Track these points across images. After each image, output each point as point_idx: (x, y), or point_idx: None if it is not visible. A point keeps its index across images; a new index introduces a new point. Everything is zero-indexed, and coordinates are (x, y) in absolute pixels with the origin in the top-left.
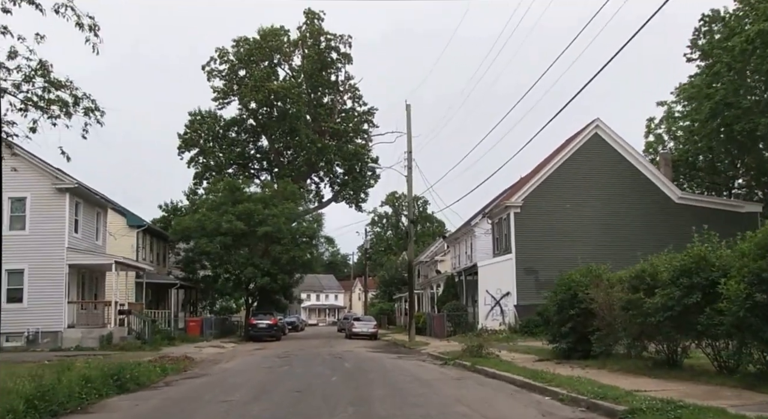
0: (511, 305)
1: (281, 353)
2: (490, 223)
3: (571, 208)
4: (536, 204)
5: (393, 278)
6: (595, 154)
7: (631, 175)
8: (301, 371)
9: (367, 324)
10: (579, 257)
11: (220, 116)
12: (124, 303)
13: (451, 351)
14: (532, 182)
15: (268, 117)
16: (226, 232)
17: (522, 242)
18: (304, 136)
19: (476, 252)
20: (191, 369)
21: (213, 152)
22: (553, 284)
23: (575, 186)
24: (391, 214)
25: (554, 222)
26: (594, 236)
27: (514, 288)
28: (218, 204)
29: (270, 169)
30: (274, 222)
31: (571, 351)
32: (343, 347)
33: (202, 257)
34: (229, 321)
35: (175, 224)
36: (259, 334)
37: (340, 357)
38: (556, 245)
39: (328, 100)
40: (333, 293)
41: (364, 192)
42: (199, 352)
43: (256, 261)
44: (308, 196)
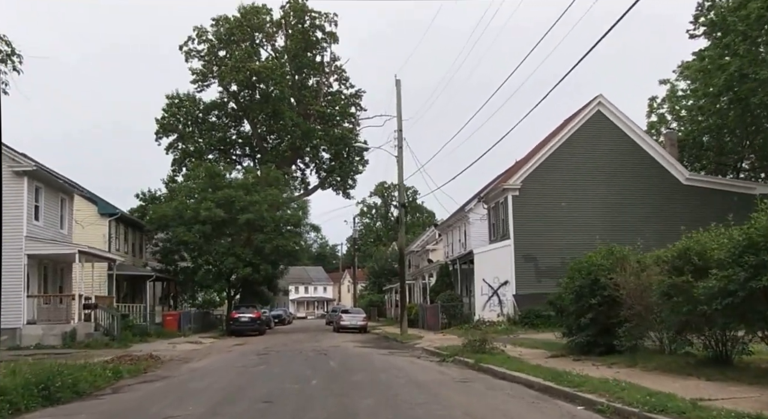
0: (510, 294)
1: (261, 349)
2: (486, 208)
3: (572, 192)
4: (536, 186)
5: (383, 269)
6: (598, 133)
7: (637, 155)
8: (278, 371)
9: (355, 317)
10: (583, 242)
11: (199, 99)
12: (91, 297)
13: (448, 345)
14: (531, 163)
15: (250, 100)
16: (205, 220)
17: (520, 228)
18: (288, 119)
19: (471, 239)
20: (153, 370)
21: (192, 137)
22: (554, 271)
23: (577, 167)
24: (380, 204)
25: (555, 206)
26: (597, 220)
27: (513, 277)
28: (197, 191)
29: (253, 155)
30: (256, 209)
31: (591, 346)
32: (330, 341)
33: (180, 247)
34: (212, 315)
35: (152, 212)
36: (241, 328)
37: (325, 354)
38: (557, 230)
39: (313, 83)
40: (322, 286)
41: (352, 178)
42: (172, 349)
43: (237, 251)
44: (293, 183)
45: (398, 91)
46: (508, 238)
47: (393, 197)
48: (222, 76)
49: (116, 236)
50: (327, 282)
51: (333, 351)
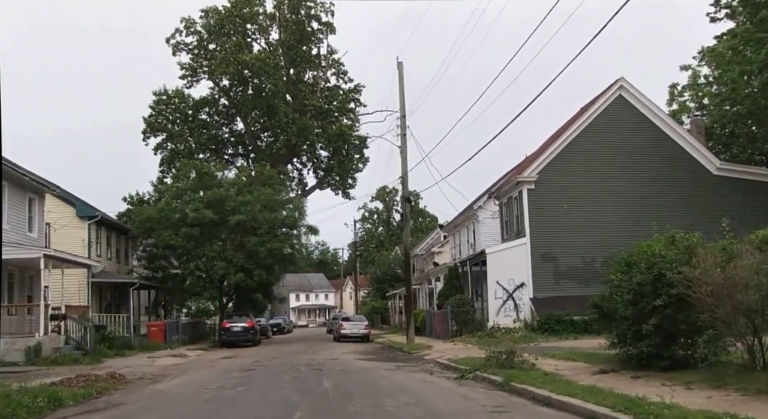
0: (527, 298)
1: (249, 363)
2: (498, 204)
3: (592, 184)
4: (553, 179)
5: (386, 275)
6: (620, 119)
7: (663, 143)
8: (255, 396)
9: (357, 325)
10: (606, 239)
11: (188, 95)
12: (60, 307)
13: (464, 357)
14: (548, 154)
15: (243, 95)
16: (193, 222)
17: (537, 224)
18: (282, 115)
19: (480, 239)
20: (109, 393)
21: (182, 136)
22: (575, 272)
23: (598, 157)
24: (381, 209)
25: (574, 200)
26: (621, 215)
27: (530, 278)
28: (184, 191)
29: (246, 154)
30: (248, 210)
31: (652, 359)
32: (328, 353)
33: (166, 251)
34: (204, 325)
35: (136, 215)
36: (233, 339)
37: (320, 369)
38: (578, 226)
39: (309, 77)
40: (323, 293)
41: (352, 177)
42: (149, 365)
43: (228, 255)
44: (290, 184)
45: (400, 75)
46: (524, 236)
47: (395, 202)
48: (212, 70)
49: (97, 240)
50: (329, 289)
51: (330, 366)
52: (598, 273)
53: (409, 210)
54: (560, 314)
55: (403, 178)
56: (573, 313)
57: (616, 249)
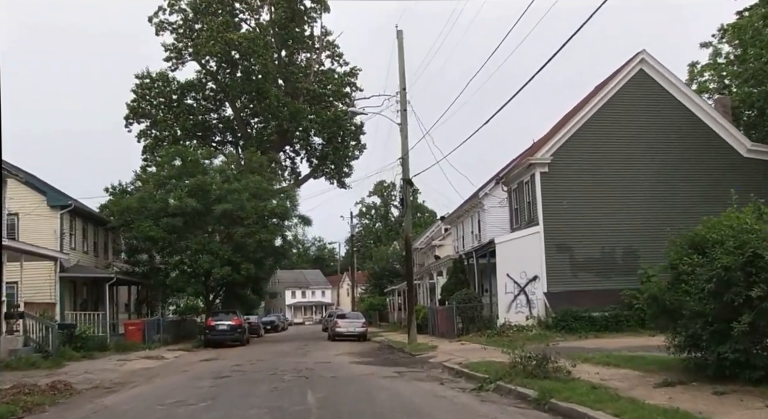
0: (540, 292)
1: (228, 368)
2: (506, 190)
3: (611, 167)
4: (568, 161)
5: (384, 270)
6: (642, 95)
7: (688, 122)
8: (215, 417)
9: (353, 323)
10: (627, 227)
11: (172, 78)
12: (19, 304)
13: (477, 361)
14: (563, 133)
15: (231, 78)
16: (175, 212)
17: (551, 211)
18: (273, 98)
19: (486, 230)
20: (42, 409)
21: (166, 121)
22: (593, 263)
23: (617, 137)
24: (379, 204)
25: (592, 184)
26: (642, 201)
27: (543, 271)
28: (167, 179)
29: (235, 141)
30: (235, 199)
31: (740, 368)
32: (321, 354)
33: (146, 244)
34: (190, 323)
35: (113, 204)
36: (218, 338)
37: (307, 377)
38: (596, 213)
39: (301, 59)
40: (320, 290)
41: (347, 165)
42: (114, 369)
43: (213, 248)
44: (282, 173)
45: (400, 44)
46: (536, 224)
47: (393, 197)
48: (197, 50)
49: (71, 232)
50: (325, 286)
51: (319, 372)
52: (619, 265)
53: (410, 194)
54: (578, 310)
55: (404, 159)
56: (592, 309)
57: (637, 238)
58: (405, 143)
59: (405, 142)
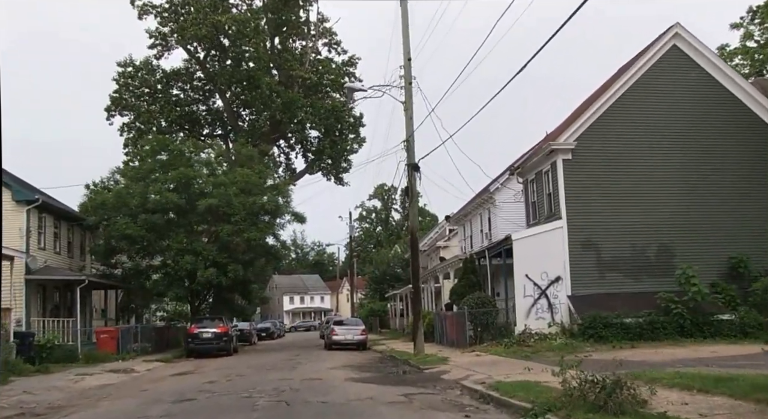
0: (564, 295)
1: (196, 387)
2: (522, 181)
3: (643, 153)
4: (594, 146)
5: (384, 275)
6: (676, 74)
7: (727, 103)
8: None
9: (352, 330)
10: (661, 220)
11: (157, 65)
12: None
13: (504, 379)
14: (588, 115)
15: (220, 65)
16: (155, 208)
17: (576, 203)
18: (265, 87)
19: (498, 228)
20: None
21: (150, 113)
22: (623, 263)
23: (649, 120)
24: (380, 208)
25: (621, 172)
26: (677, 191)
27: (567, 271)
28: (146, 172)
29: (225, 134)
30: (221, 193)
31: None
32: (313, 367)
33: (123, 243)
34: (175, 331)
35: (88, 200)
36: (202, 347)
37: (289, 402)
38: (626, 205)
39: (296, 47)
40: (319, 295)
41: (346, 160)
42: (65, 388)
43: (197, 247)
44: (276, 169)
45: (404, 10)
46: (559, 218)
47: (394, 200)
48: (182, 32)
49: (40, 230)
50: (324, 291)
51: (305, 394)
52: (652, 264)
53: (418, 180)
54: (608, 316)
55: (408, 141)
56: (623, 314)
57: (672, 234)
58: (410, 123)
59: (410, 122)
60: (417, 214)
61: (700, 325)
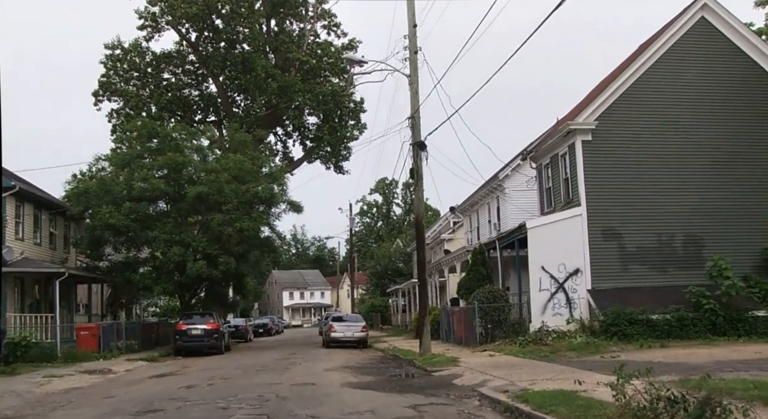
0: (583, 289)
1: (171, 393)
2: (536, 167)
3: (668, 134)
4: (617, 127)
5: (386, 269)
6: (703, 48)
7: (761, 81)
8: None
9: (351, 327)
10: (689, 207)
11: (146, 47)
12: None
13: (531, 387)
14: (610, 92)
15: (213, 46)
16: (140, 196)
17: (596, 189)
18: (260, 69)
19: (508, 217)
20: None
21: (139, 97)
22: (648, 254)
23: (676, 98)
24: (381, 202)
25: (646, 155)
26: (708, 175)
27: (587, 263)
28: (131, 157)
29: (219, 120)
30: (211, 180)
31: None
32: (306, 369)
33: (107, 233)
34: (166, 327)
35: (70, 189)
36: (190, 345)
37: (271, 417)
38: (650, 191)
39: (294, 29)
40: (319, 291)
41: (346, 147)
42: (31, 391)
43: (185, 238)
44: (272, 158)
45: None
46: (578, 204)
47: (395, 195)
48: (173, 11)
49: (18, 219)
50: (325, 287)
51: (293, 405)
52: (679, 255)
53: (424, 159)
54: (633, 312)
55: (414, 117)
56: (649, 310)
57: (701, 222)
58: (415, 98)
59: (415, 97)
60: (423, 198)
61: (734, 322)
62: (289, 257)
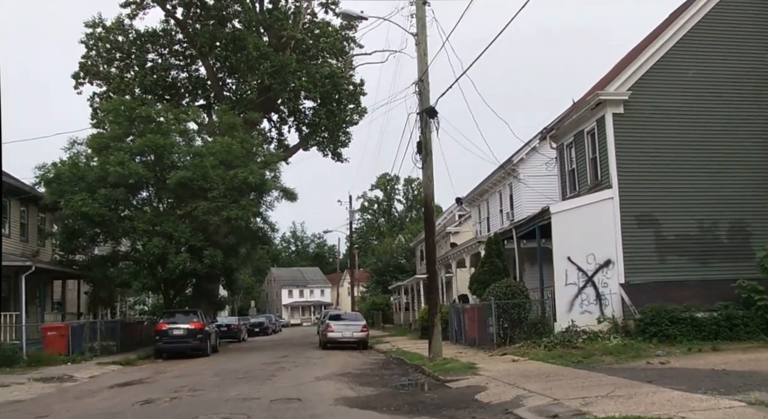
0: (615, 283)
1: (119, 410)
2: (557, 147)
3: (712, 107)
4: (653, 98)
5: (387, 266)
6: (755, 5)
7: None
8: None
9: (350, 326)
10: (737, 190)
11: (130, 25)
12: None
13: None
14: (645, 58)
15: (202, 24)
16: (117, 182)
17: (629, 169)
18: (252, 48)
19: (522, 206)
20: None
21: (122, 78)
22: (688, 243)
23: (720, 67)
24: (382, 199)
25: (685, 131)
26: (756, 156)
27: (619, 253)
28: (108, 139)
29: (208, 105)
30: (196, 165)
31: None
32: (296, 375)
33: (80, 223)
34: (150, 326)
35: (41, 174)
36: (171, 346)
37: None
38: (691, 172)
39: (289, 7)
40: (318, 288)
41: (344, 132)
42: None
43: (167, 228)
44: (267, 145)
45: None
46: (608, 186)
47: (396, 191)
48: None
49: None
50: (324, 284)
51: None
52: (723, 245)
53: (433, 132)
54: (675, 309)
55: (422, 81)
56: (693, 307)
57: (748, 208)
58: (423, 60)
59: (423, 59)
60: (432, 177)
61: None
62: (289, 254)
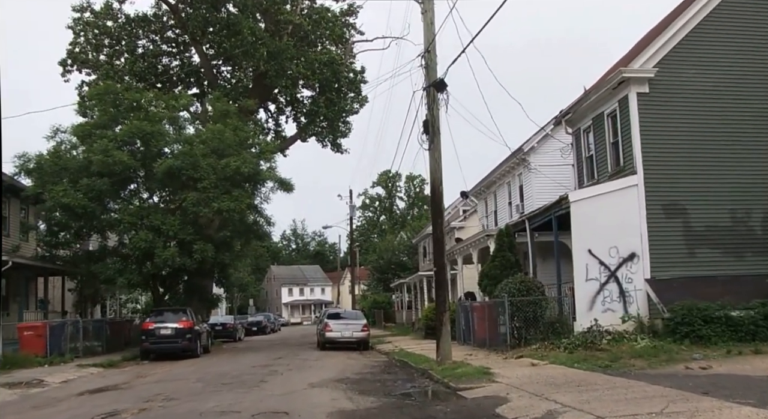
0: (640, 279)
1: (79, 417)
2: (572, 132)
3: (748, 85)
4: (681, 77)
5: (389, 263)
6: None
7: None
8: None
9: (350, 325)
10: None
11: (119, 10)
12: None
13: None
14: (673, 32)
15: (193, 8)
16: (99, 171)
17: (655, 153)
18: (247, 33)
19: (534, 197)
20: None
21: (111, 65)
22: (719, 235)
23: (755, 42)
24: (383, 196)
25: (717, 113)
26: None
27: (645, 246)
28: (93, 128)
29: (201, 94)
30: (185, 153)
31: None
32: (289, 381)
33: (62, 216)
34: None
35: (22, 165)
36: (158, 346)
37: None
38: (724, 157)
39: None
40: (319, 287)
41: (344, 122)
42: None
43: (154, 221)
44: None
45: None
46: (632, 173)
47: (398, 188)
48: None
49: None
50: (325, 282)
51: None
52: (758, 237)
53: (442, 108)
54: (708, 307)
55: (428, 52)
56: (728, 305)
57: None
58: (429, 29)
59: (429, 28)
60: (440, 159)
61: None
62: (289, 252)
